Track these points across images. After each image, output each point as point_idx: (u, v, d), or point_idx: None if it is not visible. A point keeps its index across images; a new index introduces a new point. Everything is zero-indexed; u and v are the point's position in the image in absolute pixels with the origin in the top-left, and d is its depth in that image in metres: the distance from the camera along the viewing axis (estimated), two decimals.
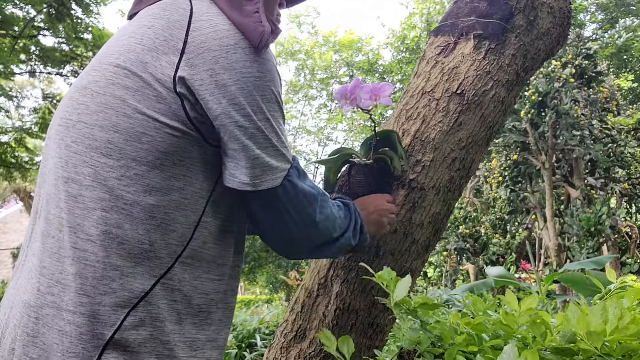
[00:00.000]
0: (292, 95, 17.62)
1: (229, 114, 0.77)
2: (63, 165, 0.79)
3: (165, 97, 0.76)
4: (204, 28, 0.78)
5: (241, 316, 5.12)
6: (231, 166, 0.80)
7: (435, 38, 1.38)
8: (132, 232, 0.75)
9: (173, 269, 0.78)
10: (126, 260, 0.75)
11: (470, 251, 7.35)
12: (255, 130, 0.79)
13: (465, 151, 1.26)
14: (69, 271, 0.74)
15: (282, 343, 1.28)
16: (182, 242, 0.79)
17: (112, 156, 0.75)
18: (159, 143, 0.76)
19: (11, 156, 10.23)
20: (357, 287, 1.22)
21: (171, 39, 0.78)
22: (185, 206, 0.79)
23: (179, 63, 0.76)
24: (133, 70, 0.77)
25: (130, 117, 0.76)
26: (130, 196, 0.75)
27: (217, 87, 0.76)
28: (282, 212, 0.85)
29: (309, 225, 0.88)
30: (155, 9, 0.83)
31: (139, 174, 0.75)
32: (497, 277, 2.02)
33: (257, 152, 0.79)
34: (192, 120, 0.77)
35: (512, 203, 7.72)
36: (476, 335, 0.78)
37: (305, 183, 0.87)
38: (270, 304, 9.00)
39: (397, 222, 1.22)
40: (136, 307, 0.74)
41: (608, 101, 7.60)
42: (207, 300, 0.83)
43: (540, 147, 6.77)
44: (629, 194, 8.10)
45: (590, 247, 5.90)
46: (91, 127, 0.77)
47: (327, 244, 0.95)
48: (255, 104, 0.78)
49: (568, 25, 1.40)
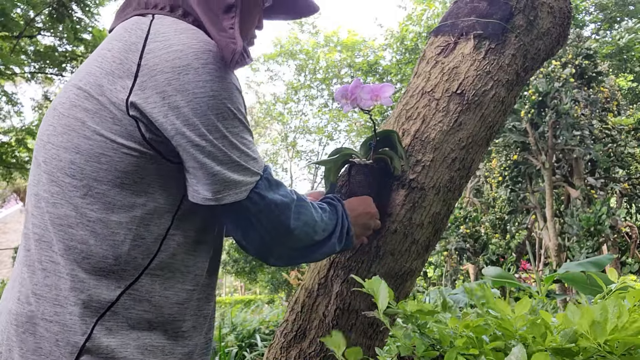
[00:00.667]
0: (293, 95, 17.63)
1: (183, 134, 0.78)
2: (36, 183, 0.85)
3: (121, 119, 0.78)
4: (157, 50, 0.79)
5: (241, 316, 5.12)
6: (193, 182, 0.82)
7: (435, 38, 1.38)
8: (97, 247, 0.79)
9: (140, 281, 0.81)
10: (91, 273, 0.79)
11: (470, 251, 7.35)
12: (212, 149, 0.79)
13: (465, 151, 1.26)
14: (42, 283, 0.80)
15: (282, 343, 1.28)
16: (148, 255, 0.82)
17: (75, 176, 0.80)
18: (117, 163, 0.79)
19: (11, 156, 10.23)
20: (357, 287, 1.22)
21: (126, 62, 0.79)
22: (149, 221, 0.81)
23: (132, 87, 0.77)
24: (91, 93, 0.80)
25: (90, 139, 0.79)
26: (94, 214, 0.79)
27: (170, 109, 0.77)
28: (254, 223, 0.86)
29: (284, 233, 0.89)
30: (120, 30, 0.85)
31: (100, 193, 0.79)
32: (495, 277, 2.02)
33: (217, 168, 0.80)
34: (149, 141, 0.79)
35: (512, 203, 7.72)
36: (476, 338, 0.77)
37: (277, 193, 0.88)
38: (272, 304, 8.99)
39: (397, 222, 1.22)
40: (103, 317, 0.79)
41: (608, 101, 7.60)
42: (180, 309, 0.86)
43: (540, 147, 6.77)
44: (629, 194, 8.10)
45: (590, 247, 5.89)
46: (57, 148, 0.81)
47: (309, 248, 0.96)
48: (210, 124, 0.79)
49: (568, 25, 1.40)
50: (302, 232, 0.91)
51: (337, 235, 1.00)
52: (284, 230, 0.89)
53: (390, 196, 1.24)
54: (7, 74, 9.36)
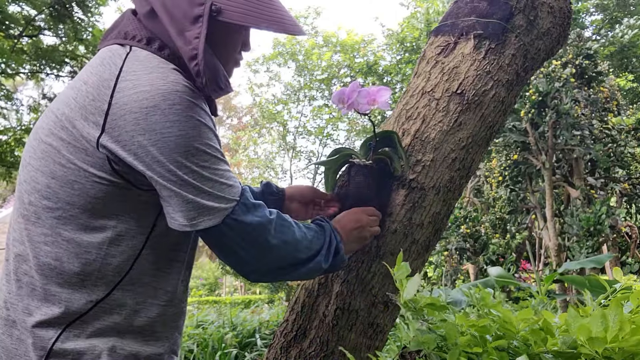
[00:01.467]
0: (292, 95, 17.61)
1: (153, 170, 0.82)
2: (17, 200, 0.90)
3: (93, 152, 0.82)
4: (127, 89, 0.82)
5: (241, 316, 5.12)
6: (169, 210, 0.85)
7: (435, 38, 1.38)
8: (69, 264, 0.84)
9: (112, 295, 0.86)
10: (64, 287, 0.84)
11: (470, 251, 7.35)
12: (182, 182, 0.83)
13: (465, 151, 1.26)
14: (16, 292, 0.86)
15: (282, 343, 1.28)
16: (120, 273, 0.87)
17: (50, 199, 0.85)
18: (89, 190, 0.83)
19: (10, 156, 10.23)
20: (357, 287, 1.22)
21: (98, 99, 0.83)
22: (120, 242, 0.86)
23: (104, 125, 0.81)
24: (66, 125, 0.84)
25: (64, 167, 0.84)
26: (67, 234, 0.84)
27: (139, 147, 0.80)
28: (232, 245, 0.89)
29: (263, 252, 0.92)
30: (98, 60, 0.89)
31: (73, 215, 0.84)
32: (497, 277, 2.03)
33: (190, 197, 0.84)
34: (119, 172, 0.83)
35: (512, 203, 7.72)
36: (480, 336, 0.77)
37: (255, 215, 0.90)
38: (272, 304, 8.99)
39: (397, 222, 1.22)
40: (72, 325, 0.84)
41: (608, 101, 7.60)
42: (150, 322, 0.90)
43: (541, 147, 6.77)
44: (629, 194, 8.10)
45: (590, 247, 5.90)
46: (35, 170, 0.87)
47: (293, 266, 0.98)
48: (178, 162, 0.82)
49: (568, 25, 1.40)
50: (282, 250, 0.94)
51: (324, 253, 1.01)
52: (263, 249, 0.91)
53: (390, 196, 1.24)
54: (8, 73, 9.36)
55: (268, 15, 0.88)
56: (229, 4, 0.85)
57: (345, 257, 1.07)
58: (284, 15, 0.90)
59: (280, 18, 0.89)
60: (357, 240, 1.12)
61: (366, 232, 1.14)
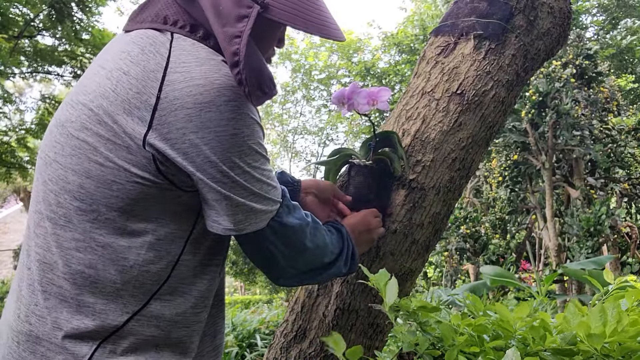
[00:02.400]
0: (290, 96, 17.61)
1: (204, 171, 0.76)
2: (40, 200, 0.82)
3: (136, 150, 0.75)
4: (178, 82, 0.75)
5: (241, 316, 5.12)
6: (212, 214, 0.81)
7: (435, 38, 1.38)
8: (104, 272, 0.77)
9: (149, 306, 0.80)
10: (98, 297, 0.78)
11: (470, 251, 7.35)
12: (234, 184, 0.78)
13: (465, 151, 1.26)
14: (43, 304, 0.78)
15: (282, 343, 1.28)
16: (158, 281, 0.80)
17: (84, 201, 0.77)
18: (129, 191, 0.77)
19: (11, 156, 10.23)
20: (357, 287, 1.22)
21: (144, 92, 0.75)
22: (160, 247, 0.80)
23: (151, 121, 0.75)
24: (104, 119, 0.76)
25: (102, 165, 0.76)
26: (102, 238, 0.77)
27: (191, 146, 0.75)
28: (271, 249, 0.87)
29: (298, 255, 0.90)
30: (136, 48, 0.80)
31: (110, 219, 0.77)
32: (494, 276, 2.02)
33: (241, 200, 0.79)
34: (163, 173, 0.77)
35: (512, 203, 7.72)
36: (477, 336, 0.78)
37: (295, 217, 0.88)
38: (270, 304, 8.99)
39: (397, 222, 1.22)
40: (107, 340, 0.77)
41: (608, 101, 7.60)
42: (188, 332, 0.85)
43: (541, 147, 6.77)
44: (629, 194, 8.10)
45: (590, 248, 5.90)
46: (65, 169, 0.79)
47: (318, 270, 0.96)
48: (231, 162, 0.77)
49: (568, 26, 1.40)
50: (313, 255, 0.92)
51: (344, 258, 1.00)
52: (298, 252, 0.89)
53: (391, 196, 1.24)
54: (7, 73, 9.35)
55: (315, 18, 0.81)
56: (276, 2, 0.77)
57: (359, 261, 1.06)
58: (328, 19, 0.84)
59: (325, 21, 0.83)
60: (365, 242, 1.13)
61: (374, 235, 1.15)
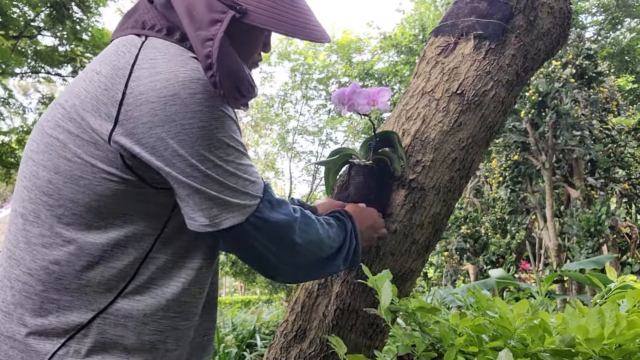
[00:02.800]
0: (288, 95, 17.59)
1: (173, 165, 0.75)
2: (16, 198, 0.83)
3: (103, 146, 0.76)
4: (143, 77, 0.75)
5: (241, 316, 5.12)
6: (188, 211, 0.79)
7: (435, 38, 1.38)
8: (69, 268, 0.77)
9: (115, 304, 0.78)
10: (63, 294, 0.77)
11: (470, 251, 7.35)
12: (206, 177, 0.77)
13: (465, 151, 1.26)
14: (10, 301, 0.79)
15: (282, 343, 1.28)
16: (124, 278, 0.79)
17: (52, 196, 0.78)
18: (96, 187, 0.76)
19: (11, 157, 10.23)
20: (357, 287, 1.22)
21: (112, 89, 0.76)
22: (126, 244, 0.79)
23: (117, 117, 0.75)
24: (74, 116, 0.77)
25: (70, 161, 0.77)
26: (69, 234, 0.77)
27: (157, 140, 0.74)
28: (257, 246, 0.85)
29: (289, 252, 0.88)
30: (111, 49, 0.83)
31: (76, 214, 0.77)
32: (498, 279, 2.03)
33: (213, 193, 0.78)
34: (132, 169, 0.77)
35: (512, 203, 7.72)
36: (476, 336, 0.78)
37: (280, 212, 0.86)
38: (270, 304, 8.99)
39: (397, 222, 1.22)
40: (72, 338, 0.76)
41: (608, 101, 7.60)
42: (161, 337, 0.81)
43: (541, 147, 6.77)
44: (629, 194, 8.10)
45: (590, 248, 5.90)
46: (37, 165, 0.80)
47: (315, 265, 0.95)
48: (201, 155, 0.76)
49: (568, 26, 1.40)
50: (307, 250, 0.90)
51: (344, 253, 0.98)
52: (289, 249, 0.88)
53: (391, 197, 1.24)
54: (8, 73, 9.36)
55: (295, 20, 0.81)
56: (255, 6, 0.78)
57: (360, 258, 1.04)
58: (310, 20, 0.83)
59: (307, 23, 0.82)
60: (367, 240, 1.11)
61: (377, 234, 1.14)
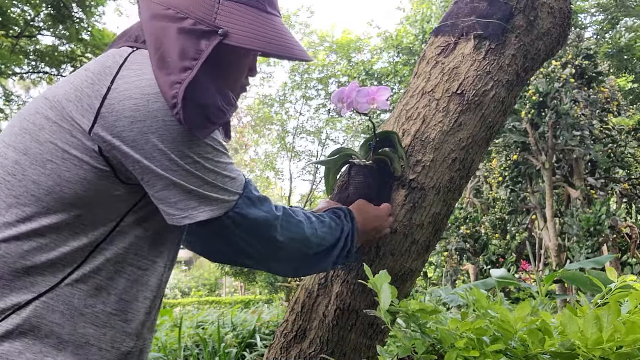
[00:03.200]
0: (288, 94, 17.59)
1: (153, 158, 0.77)
2: None
3: (80, 134, 0.77)
4: (129, 76, 0.78)
5: (241, 316, 5.12)
6: (166, 209, 0.81)
7: (435, 38, 1.38)
8: (17, 247, 0.77)
9: (57, 289, 0.78)
10: (5, 272, 0.76)
11: (470, 251, 7.36)
12: (185, 172, 0.79)
13: (465, 151, 1.26)
14: None
15: (282, 343, 1.28)
16: (71, 264, 0.79)
17: (15, 176, 0.78)
18: (63, 172, 0.77)
19: None
20: (357, 287, 1.22)
21: (97, 83, 0.78)
22: (79, 230, 0.79)
23: (99, 109, 0.76)
24: (55, 105, 0.79)
25: (42, 145, 0.78)
26: (24, 215, 0.77)
27: (139, 133, 0.76)
28: (238, 241, 0.86)
29: (272, 248, 0.90)
30: (103, 55, 0.85)
31: (35, 196, 0.77)
32: (499, 278, 2.03)
33: (192, 187, 0.80)
34: (107, 159, 0.78)
35: (512, 203, 7.73)
36: (477, 339, 0.77)
37: (261, 209, 0.87)
38: (270, 304, 8.99)
39: (397, 222, 1.22)
40: (5, 319, 0.75)
41: (608, 101, 7.60)
42: (96, 333, 0.80)
43: (541, 147, 6.77)
44: (629, 194, 8.10)
45: (590, 248, 5.90)
46: (7, 146, 0.81)
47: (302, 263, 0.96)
48: (180, 151, 0.78)
49: (568, 26, 1.40)
50: (290, 247, 0.91)
51: (337, 251, 1.00)
52: (271, 246, 0.89)
53: (391, 196, 1.24)
54: (8, 73, 9.36)
55: (277, 40, 0.83)
56: (236, 28, 0.80)
57: (358, 258, 1.06)
58: (291, 40, 0.86)
59: (288, 43, 0.85)
60: (367, 240, 1.13)
61: (379, 235, 1.15)
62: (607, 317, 0.65)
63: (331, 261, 1.00)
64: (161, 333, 3.99)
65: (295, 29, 17.06)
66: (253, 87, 19.04)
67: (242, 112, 23.38)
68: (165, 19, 0.80)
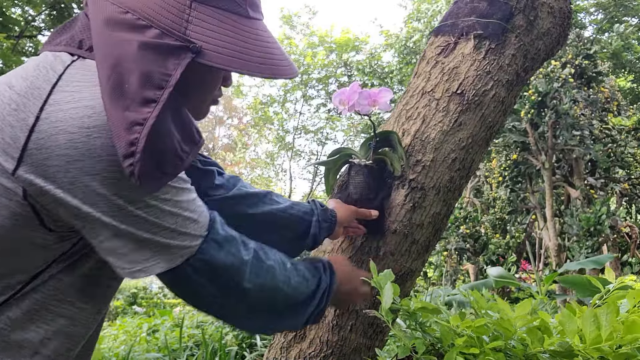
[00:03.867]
0: (288, 94, 17.58)
1: (94, 204, 0.63)
2: None
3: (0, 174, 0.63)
4: (64, 102, 0.63)
5: None
6: (114, 261, 0.69)
7: (435, 38, 1.38)
8: None
9: None
10: None
11: (470, 251, 7.36)
12: (135, 218, 0.66)
13: (465, 151, 1.26)
14: None
15: (282, 343, 1.28)
16: None
17: None
18: None
19: None
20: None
21: (23, 109, 0.63)
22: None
23: (25, 145, 0.62)
24: None
25: None
26: None
27: (76, 176, 0.62)
28: (197, 289, 0.75)
29: (233, 297, 0.78)
30: (33, 62, 0.70)
31: None
32: (497, 277, 2.03)
33: (144, 236, 0.67)
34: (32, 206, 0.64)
35: (512, 203, 7.73)
36: (477, 337, 0.78)
37: (228, 253, 0.76)
38: None
39: (397, 222, 1.22)
40: None
41: (608, 101, 7.60)
42: None
43: (540, 147, 6.77)
44: (629, 194, 8.10)
45: (590, 247, 5.90)
46: None
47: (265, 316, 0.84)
48: (129, 196, 0.65)
49: (568, 26, 1.40)
50: (257, 297, 0.80)
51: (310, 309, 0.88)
52: (235, 294, 0.78)
53: (390, 196, 1.24)
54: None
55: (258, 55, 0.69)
56: (211, 44, 0.65)
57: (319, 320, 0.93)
58: (274, 55, 0.71)
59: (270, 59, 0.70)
60: (338, 303, 1.02)
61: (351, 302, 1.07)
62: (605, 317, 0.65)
63: (304, 318, 0.88)
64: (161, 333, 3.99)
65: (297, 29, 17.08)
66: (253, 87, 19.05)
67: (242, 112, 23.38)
68: (123, 28, 0.63)
